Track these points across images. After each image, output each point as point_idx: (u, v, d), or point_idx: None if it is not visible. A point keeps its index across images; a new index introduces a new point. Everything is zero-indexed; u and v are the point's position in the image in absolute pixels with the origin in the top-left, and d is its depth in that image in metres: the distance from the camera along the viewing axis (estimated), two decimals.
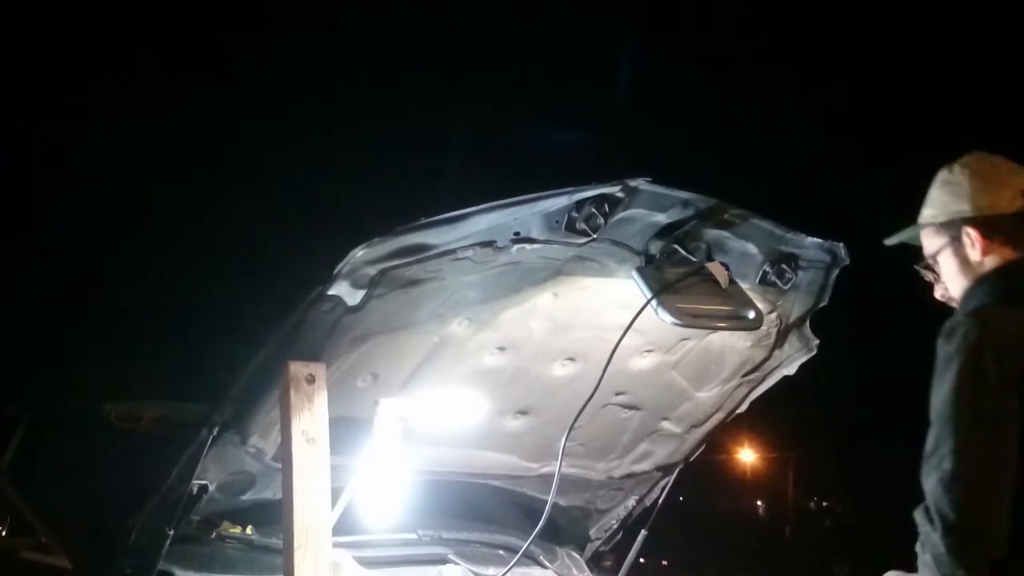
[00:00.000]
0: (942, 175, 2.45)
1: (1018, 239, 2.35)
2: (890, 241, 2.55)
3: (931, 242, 2.44)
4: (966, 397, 2.15)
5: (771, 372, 3.58)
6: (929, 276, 2.48)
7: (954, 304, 2.41)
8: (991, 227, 2.35)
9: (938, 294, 2.48)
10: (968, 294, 2.37)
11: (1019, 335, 2.20)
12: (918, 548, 2.20)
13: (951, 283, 2.42)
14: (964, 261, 2.38)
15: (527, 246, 2.83)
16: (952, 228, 2.39)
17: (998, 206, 2.35)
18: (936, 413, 2.18)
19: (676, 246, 2.94)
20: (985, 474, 2.13)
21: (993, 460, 2.13)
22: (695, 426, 3.71)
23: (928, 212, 2.46)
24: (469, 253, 2.78)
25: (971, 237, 2.36)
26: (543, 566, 3.78)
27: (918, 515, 2.19)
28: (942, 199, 2.42)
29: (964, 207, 2.37)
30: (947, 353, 2.20)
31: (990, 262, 2.35)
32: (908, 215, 2.58)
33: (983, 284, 2.35)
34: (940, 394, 2.18)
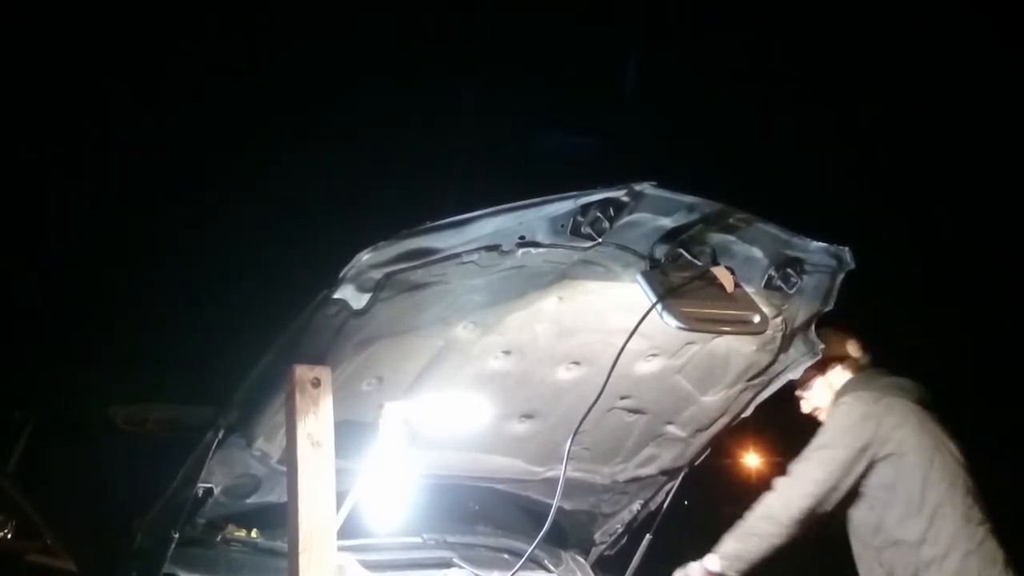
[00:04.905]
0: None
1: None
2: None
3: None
4: None
5: (776, 376, 3.59)
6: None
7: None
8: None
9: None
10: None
11: None
12: None
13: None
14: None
15: (532, 250, 2.83)
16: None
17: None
18: None
19: (681, 250, 2.93)
20: None
21: None
22: (700, 430, 3.71)
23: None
24: (474, 257, 2.78)
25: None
26: (548, 570, 3.77)
27: None
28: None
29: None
30: None
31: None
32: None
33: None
34: None
